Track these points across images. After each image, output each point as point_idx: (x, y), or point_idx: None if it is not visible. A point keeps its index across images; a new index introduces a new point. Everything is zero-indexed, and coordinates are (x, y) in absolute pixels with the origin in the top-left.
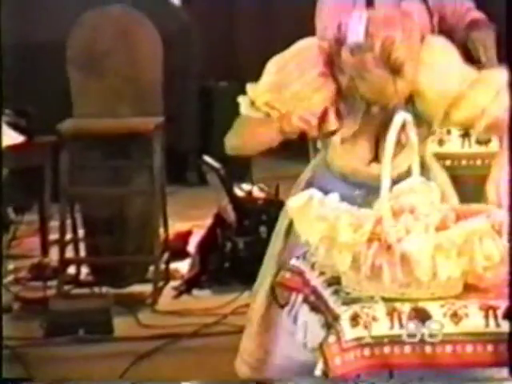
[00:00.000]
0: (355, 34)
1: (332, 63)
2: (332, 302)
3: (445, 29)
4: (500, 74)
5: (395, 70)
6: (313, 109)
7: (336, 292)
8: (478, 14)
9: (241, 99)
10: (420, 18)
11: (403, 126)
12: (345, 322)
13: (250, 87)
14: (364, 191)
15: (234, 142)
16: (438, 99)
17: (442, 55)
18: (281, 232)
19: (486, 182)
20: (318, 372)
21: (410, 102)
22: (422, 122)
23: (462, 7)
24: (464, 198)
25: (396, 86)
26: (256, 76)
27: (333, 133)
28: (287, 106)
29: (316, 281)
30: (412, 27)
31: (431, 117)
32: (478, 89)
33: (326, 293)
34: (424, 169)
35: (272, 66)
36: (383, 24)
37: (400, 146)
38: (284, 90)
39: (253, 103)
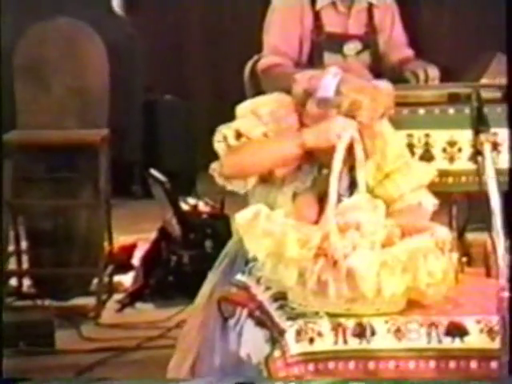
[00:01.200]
0: (326, 88)
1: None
2: (277, 316)
3: (377, 52)
4: (428, 168)
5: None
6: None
7: (282, 307)
8: (409, 52)
9: (225, 131)
10: (388, 97)
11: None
12: (290, 337)
13: (229, 127)
14: None
15: (238, 167)
16: (373, 170)
17: (389, 130)
18: (229, 247)
19: None
20: None
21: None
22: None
23: (396, 39)
24: None
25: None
26: (200, 90)
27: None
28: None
29: (262, 296)
30: (379, 99)
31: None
32: (404, 174)
33: (272, 308)
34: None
35: (241, 110)
36: (355, 88)
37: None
38: (254, 130)
39: (239, 136)
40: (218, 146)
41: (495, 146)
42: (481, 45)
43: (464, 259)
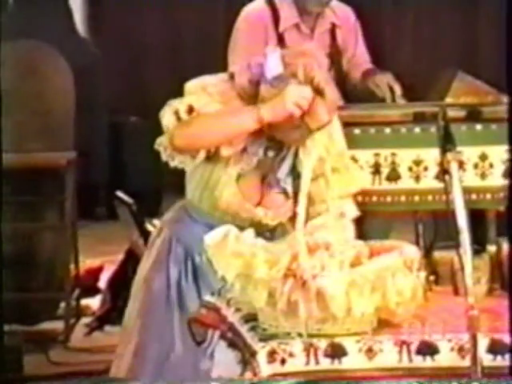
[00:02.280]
0: (274, 66)
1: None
2: (249, 338)
3: (338, 71)
4: (362, 176)
5: (319, 92)
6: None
7: (253, 328)
8: (371, 66)
9: (177, 103)
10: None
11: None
12: (261, 358)
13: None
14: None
15: (192, 139)
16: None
17: (336, 126)
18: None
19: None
20: None
21: (297, 155)
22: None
23: (359, 56)
24: (374, 233)
25: (323, 104)
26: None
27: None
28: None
29: (233, 317)
30: (321, 59)
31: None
32: (341, 177)
33: (243, 329)
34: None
35: (190, 88)
36: (299, 53)
37: None
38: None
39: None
40: (168, 119)
41: (461, 165)
42: (441, 63)
43: (432, 278)
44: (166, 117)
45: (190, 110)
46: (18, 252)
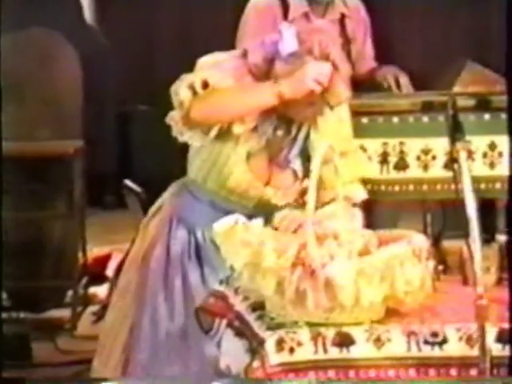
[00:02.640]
0: (289, 42)
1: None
2: (257, 327)
3: (346, 60)
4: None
5: (335, 67)
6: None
7: (260, 317)
8: (375, 64)
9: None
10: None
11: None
12: (270, 347)
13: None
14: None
15: (208, 112)
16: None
17: (344, 110)
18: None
19: None
20: None
21: (307, 136)
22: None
23: (366, 52)
24: (381, 222)
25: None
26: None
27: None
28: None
29: (240, 306)
30: (335, 36)
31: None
32: (350, 162)
33: (251, 318)
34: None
35: (202, 63)
36: (313, 31)
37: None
38: (222, 81)
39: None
40: (184, 93)
41: (470, 154)
42: (451, 53)
43: (440, 267)
44: (181, 91)
45: (205, 84)
46: (26, 240)
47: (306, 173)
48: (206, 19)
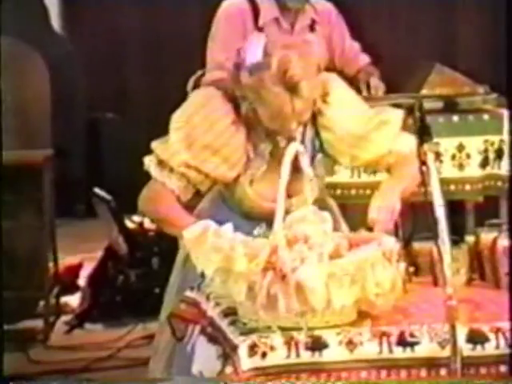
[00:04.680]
0: (253, 53)
1: (237, 108)
2: (230, 332)
3: (331, 68)
4: (397, 112)
5: (291, 88)
6: (228, 158)
7: (233, 322)
8: (365, 59)
9: (148, 160)
10: (318, 49)
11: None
12: (242, 352)
13: (158, 147)
14: (264, 227)
15: (143, 207)
16: (347, 137)
17: (349, 93)
18: (179, 263)
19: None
20: None
21: (316, 136)
22: (329, 156)
23: (350, 51)
24: (353, 226)
25: (293, 104)
26: (142, 107)
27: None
28: (201, 160)
29: (212, 312)
30: (309, 52)
31: (338, 153)
32: (382, 130)
33: (224, 323)
34: (324, 200)
35: (177, 120)
36: (281, 45)
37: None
38: (194, 145)
39: (162, 163)
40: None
41: (438, 156)
42: (419, 54)
43: (411, 269)
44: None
45: (160, 162)
46: None
47: (326, 171)
48: (175, 25)
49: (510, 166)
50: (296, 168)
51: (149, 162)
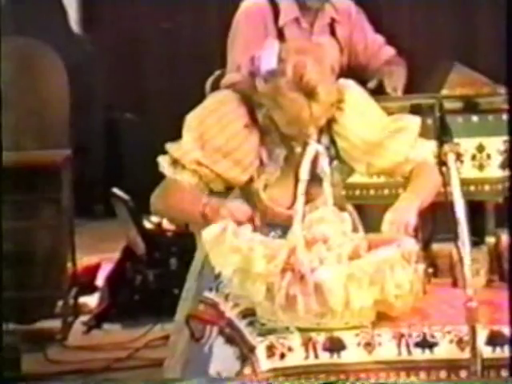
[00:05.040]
0: (268, 61)
1: (252, 112)
2: (248, 333)
3: (355, 65)
4: (414, 119)
5: (308, 93)
6: (240, 161)
7: (251, 323)
8: (390, 51)
9: (161, 159)
10: (332, 51)
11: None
12: (260, 353)
13: (171, 147)
14: (279, 231)
15: (159, 207)
16: (362, 144)
17: (365, 100)
18: (197, 263)
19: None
20: None
21: (332, 143)
22: (345, 163)
23: (373, 45)
24: (371, 227)
25: (311, 109)
26: (160, 107)
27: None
28: (212, 160)
29: (230, 312)
30: (323, 55)
31: (353, 161)
32: (398, 138)
33: (242, 324)
34: (342, 208)
35: (191, 121)
36: (295, 51)
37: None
38: (207, 145)
39: (176, 162)
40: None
41: (458, 157)
42: (438, 54)
43: (430, 270)
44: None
45: (174, 161)
46: (15, 251)
47: (342, 178)
48: (195, 26)
49: (510, 167)
50: (311, 175)
51: (162, 162)
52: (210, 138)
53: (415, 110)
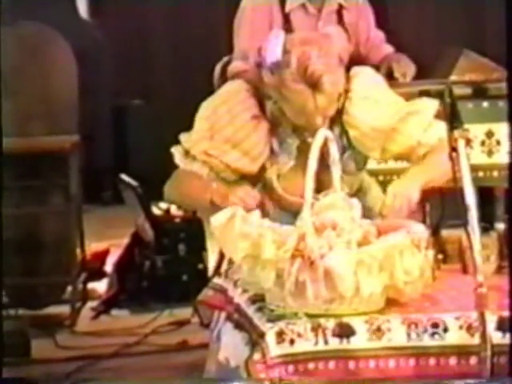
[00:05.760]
0: (273, 53)
1: (261, 102)
2: (257, 319)
3: (355, 55)
4: (429, 102)
5: (313, 84)
6: (249, 152)
7: (260, 309)
8: (389, 48)
9: (174, 150)
10: (339, 41)
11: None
12: (270, 339)
13: (183, 137)
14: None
15: (171, 195)
16: (372, 132)
17: (374, 87)
18: None
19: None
20: None
21: (343, 132)
22: (358, 151)
23: (375, 38)
24: None
25: (316, 100)
26: (168, 94)
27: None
28: (221, 151)
29: (239, 298)
30: (329, 46)
31: (366, 149)
32: (410, 121)
33: (250, 310)
34: (361, 192)
35: (202, 111)
36: (300, 42)
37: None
38: (217, 136)
39: (187, 153)
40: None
41: (468, 142)
42: (446, 40)
43: (440, 256)
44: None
45: (186, 152)
46: (23, 237)
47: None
48: (202, 13)
49: (509, 154)
50: (323, 163)
51: (175, 152)
52: (219, 129)
53: (424, 96)
